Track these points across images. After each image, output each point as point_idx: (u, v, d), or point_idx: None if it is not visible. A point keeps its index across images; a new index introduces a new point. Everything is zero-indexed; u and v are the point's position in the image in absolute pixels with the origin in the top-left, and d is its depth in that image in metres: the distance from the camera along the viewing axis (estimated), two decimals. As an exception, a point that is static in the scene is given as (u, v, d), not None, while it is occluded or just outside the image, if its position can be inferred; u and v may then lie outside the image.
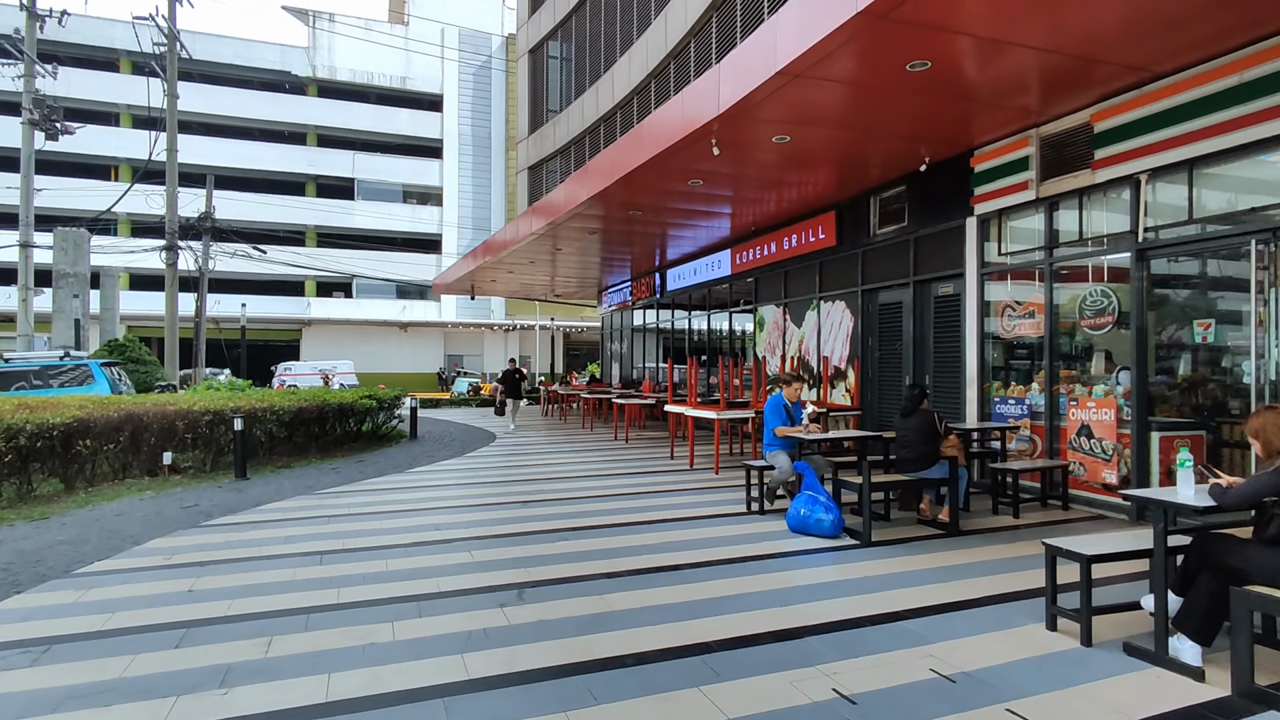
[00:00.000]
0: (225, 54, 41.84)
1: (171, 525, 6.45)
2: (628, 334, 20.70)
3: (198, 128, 41.25)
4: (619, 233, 13.18)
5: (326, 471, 9.72)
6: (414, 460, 10.78)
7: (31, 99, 21.42)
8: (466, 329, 44.92)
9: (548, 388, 21.11)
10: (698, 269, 15.22)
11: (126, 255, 27.62)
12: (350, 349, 41.63)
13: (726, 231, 12.98)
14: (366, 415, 13.00)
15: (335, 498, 7.74)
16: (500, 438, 13.98)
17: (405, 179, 45.00)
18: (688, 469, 9.59)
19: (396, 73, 44.92)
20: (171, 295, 23.23)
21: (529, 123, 22.05)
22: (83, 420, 8.33)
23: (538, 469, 9.79)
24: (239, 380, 20.13)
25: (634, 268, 17.93)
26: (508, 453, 11.65)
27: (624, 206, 10.83)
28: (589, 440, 13.25)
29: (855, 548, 5.54)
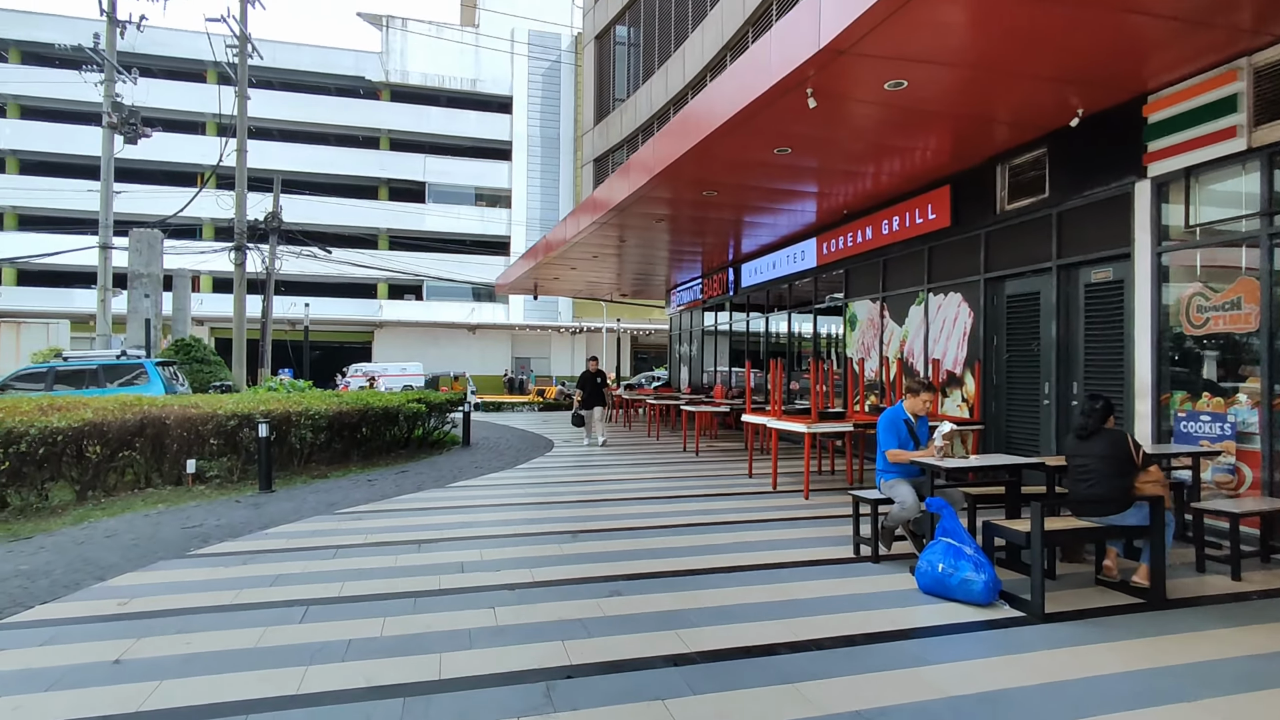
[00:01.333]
0: (304, 61, 42.70)
1: (155, 554, 5.41)
2: (697, 335, 19.25)
3: (276, 134, 42.21)
4: (689, 220, 11.77)
5: (360, 484, 8.67)
6: (458, 472, 9.65)
7: (112, 103, 21.64)
8: (533, 331, 44.38)
9: (611, 392, 19.86)
10: (777, 262, 13.64)
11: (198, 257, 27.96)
12: (420, 351, 41.69)
13: (812, 217, 11.38)
14: (415, 420, 12.02)
15: (355, 520, 6.61)
16: (559, 446, 12.77)
17: (474, 181, 44.90)
18: (769, 491, 8.07)
19: (467, 75, 44.92)
20: (239, 296, 23.16)
21: (594, 113, 20.93)
22: (95, 424, 7.52)
23: (594, 487, 8.47)
24: (299, 381, 19.76)
25: (705, 263, 16.48)
26: (563, 466, 10.40)
27: (697, 185, 9.42)
28: (655, 451, 11.88)
29: (1022, 623, 3.95)
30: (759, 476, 9.07)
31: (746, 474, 9.23)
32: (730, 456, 11.22)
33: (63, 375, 13.95)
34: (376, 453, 11.20)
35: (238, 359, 23.50)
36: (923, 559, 4.43)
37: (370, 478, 9.20)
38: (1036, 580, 4.00)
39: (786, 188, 9.64)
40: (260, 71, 41.93)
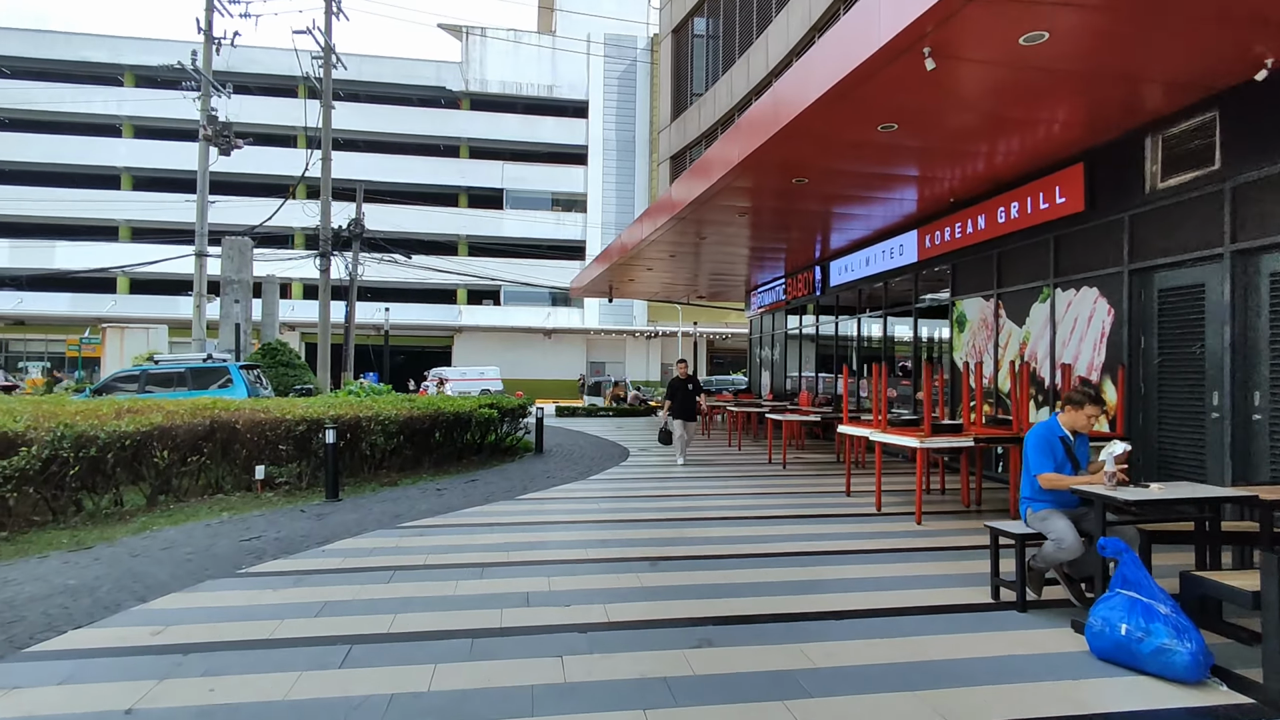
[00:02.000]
0: (387, 74, 43.94)
1: (205, 571, 5.03)
2: (779, 339, 18.27)
3: (362, 145, 43.58)
4: (774, 213, 10.92)
5: (429, 493, 8.24)
6: (530, 482, 9.12)
7: (207, 116, 22.46)
8: (608, 336, 44.15)
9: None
10: (870, 258, 12.59)
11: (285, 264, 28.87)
12: (498, 355, 42.10)
13: (913, 206, 10.33)
14: (488, 426, 11.62)
15: (418, 536, 6.11)
16: (634, 455, 12.12)
17: (550, 186, 45.14)
18: (873, 514, 7.14)
19: (544, 81, 45.24)
20: (324, 301, 23.67)
21: (671, 109, 20.29)
22: (164, 429, 7.35)
23: (673, 503, 7.74)
24: (380, 385, 19.89)
25: (788, 261, 15.53)
26: (639, 478, 9.72)
27: (785, 171, 8.58)
28: (737, 462, 11.07)
29: (1252, 714, 2.98)
30: (859, 495, 8.13)
31: (844, 492, 8.29)
32: (821, 470, 10.28)
33: (154, 378, 14.31)
34: (448, 459, 10.84)
35: (322, 363, 24.01)
36: (1096, 615, 3.49)
37: (439, 486, 8.78)
38: (1273, 654, 3.01)
39: (887, 172, 8.67)
40: (347, 85, 43.43)
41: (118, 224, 41.10)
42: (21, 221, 39.63)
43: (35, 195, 39.90)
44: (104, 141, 41.09)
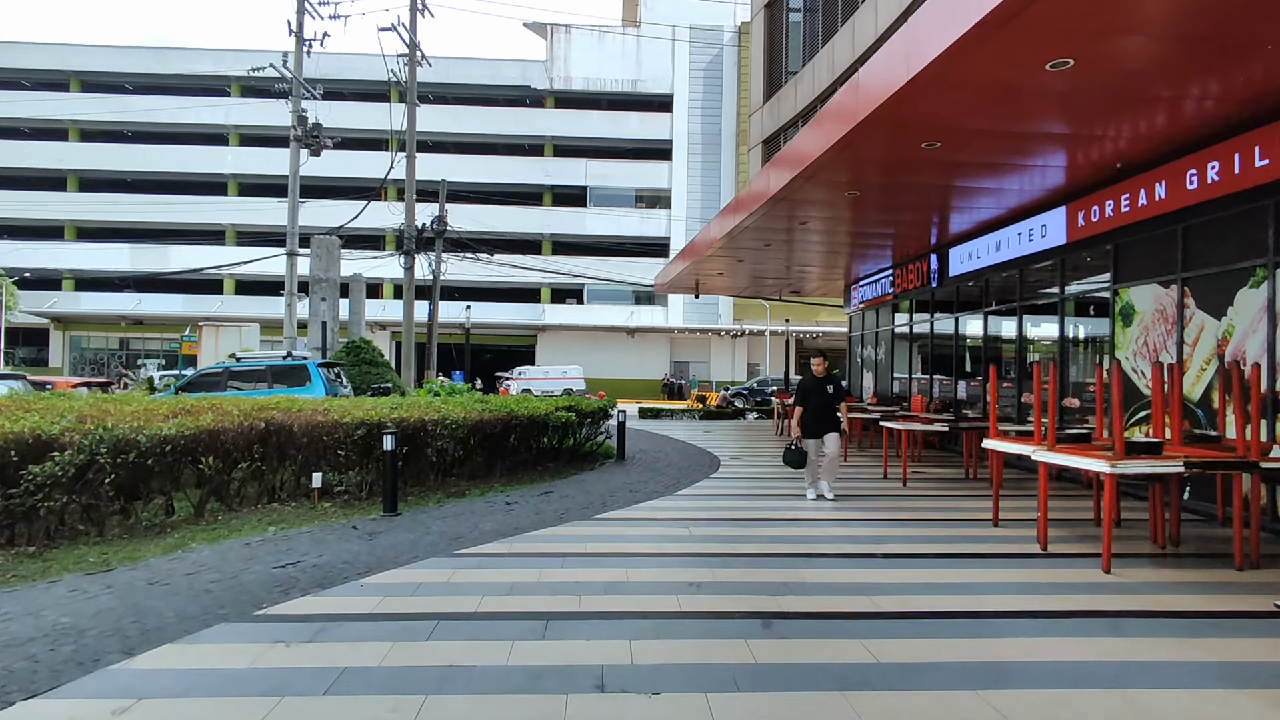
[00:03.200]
0: (474, 75, 44.23)
1: (219, 611, 4.17)
2: (885, 337, 16.56)
3: (451, 146, 44.09)
4: (888, 190, 9.44)
5: (497, 508, 7.29)
6: (608, 497, 8.03)
7: (297, 117, 22.67)
8: (693, 335, 42.91)
9: (782, 400, 17.66)
10: (1002, 241, 10.86)
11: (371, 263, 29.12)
12: (580, 355, 41.62)
13: (1059, 177, 8.62)
14: (565, 430, 10.65)
15: (475, 569, 5.10)
16: (725, 465, 10.87)
17: (634, 183, 44.34)
18: (1038, 554, 5.63)
19: (628, 76, 44.46)
20: (408, 299, 23.54)
21: (764, 89, 18.87)
22: (212, 432, 6.69)
23: (777, 529, 6.47)
24: (460, 384, 19.41)
25: (898, 249, 13.88)
26: (734, 494, 8.47)
27: (912, 134, 7.14)
28: (845, 476, 9.65)
29: None
30: (1011, 526, 6.61)
31: (990, 520, 6.78)
32: (948, 489, 8.73)
33: (236, 375, 14.15)
34: (522, 466, 9.92)
35: (406, 361, 23.87)
36: None
37: (510, 499, 7.83)
38: None
39: (1040, 130, 7.08)
40: (434, 87, 44.02)
41: (224, 228, 43.08)
42: (141, 227, 42.13)
43: (153, 201, 42.35)
44: (213, 150, 43.18)
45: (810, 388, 8.12)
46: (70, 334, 43.06)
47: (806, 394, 8.13)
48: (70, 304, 41.74)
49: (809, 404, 8.08)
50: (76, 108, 41.87)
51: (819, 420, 8.04)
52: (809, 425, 8.05)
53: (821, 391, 8.06)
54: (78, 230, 43.26)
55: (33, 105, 41.67)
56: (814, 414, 8.05)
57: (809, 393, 8.12)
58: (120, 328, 42.68)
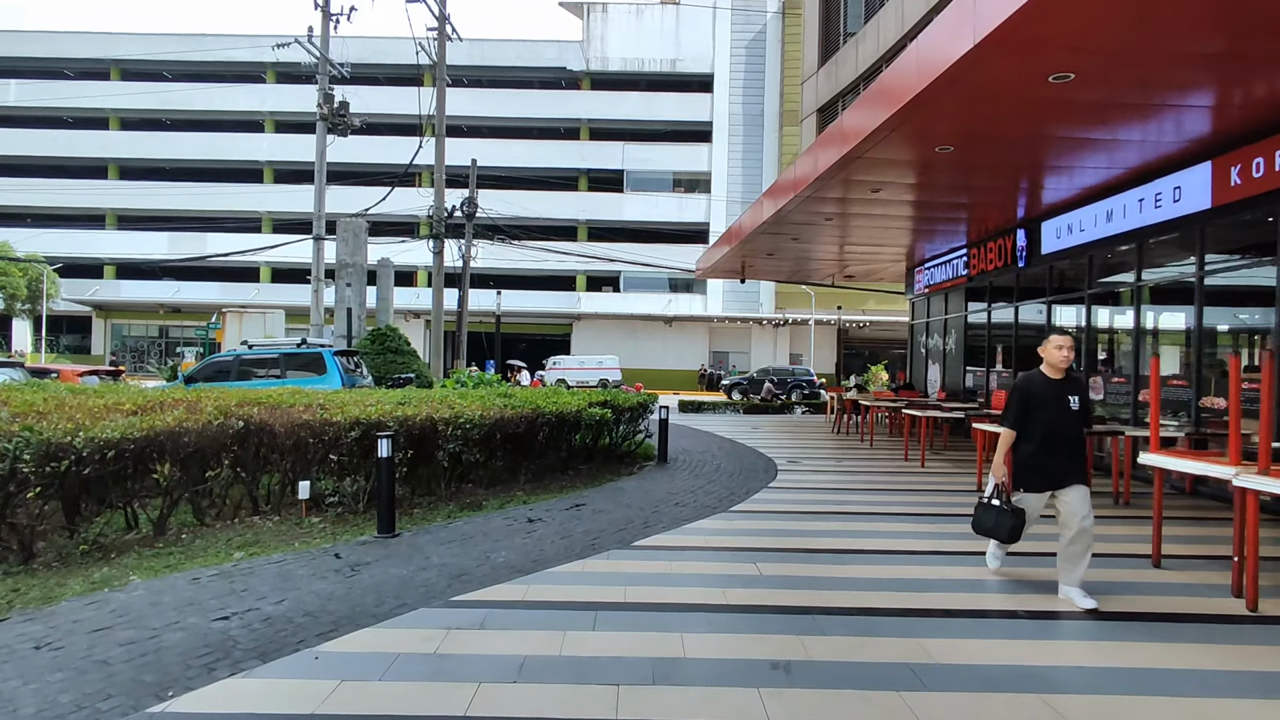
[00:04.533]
0: (509, 57, 43.07)
1: (94, 710, 2.93)
2: (955, 325, 14.87)
3: (486, 131, 43.05)
4: (989, 144, 7.84)
5: (517, 528, 5.99)
6: (652, 513, 6.67)
7: (323, 95, 21.70)
8: (733, 324, 41.28)
9: (839, 394, 16.12)
10: (1115, 210, 9.16)
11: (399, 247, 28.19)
12: (616, 344, 40.36)
13: (1204, 124, 6.95)
14: (600, 429, 9.32)
15: (475, 629, 3.78)
16: (783, 471, 9.43)
17: (672, 166, 42.75)
18: (1243, 614, 4.12)
19: (666, 55, 42.80)
20: (437, 285, 22.50)
21: (819, 53, 17.21)
22: (172, 434, 5.51)
23: (878, 572, 5.05)
24: (487, 374, 18.27)
25: (976, 224, 12.21)
26: (799, 511, 7.04)
27: (1042, 59, 5.58)
28: (926, 487, 8.15)
29: None
30: (1181, 567, 5.07)
31: (1150, 560, 5.23)
32: (1062, 506, 7.20)
33: (247, 364, 13.16)
34: (550, 471, 8.63)
35: (434, 349, 22.84)
36: None
37: (533, 513, 6.53)
38: None
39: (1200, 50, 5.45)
40: (468, 70, 42.98)
41: (260, 215, 42.76)
42: (179, 215, 42.05)
43: (191, 190, 42.22)
44: (249, 137, 42.83)
45: (1039, 394, 4.45)
46: (112, 322, 43.32)
47: (1031, 405, 4.45)
48: (111, 292, 41.90)
49: (1036, 424, 4.42)
50: (118, 97, 41.85)
51: (1054, 455, 4.38)
52: (1036, 464, 4.44)
53: (1060, 403, 4.41)
54: (118, 218, 43.40)
55: (75, 95, 41.84)
56: (1046, 443, 4.38)
57: (1037, 403, 4.44)
58: (159, 315, 42.79)
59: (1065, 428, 4.42)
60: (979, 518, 4.69)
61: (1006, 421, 4.57)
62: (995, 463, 4.62)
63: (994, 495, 4.58)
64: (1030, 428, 4.46)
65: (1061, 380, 4.48)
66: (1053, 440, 4.39)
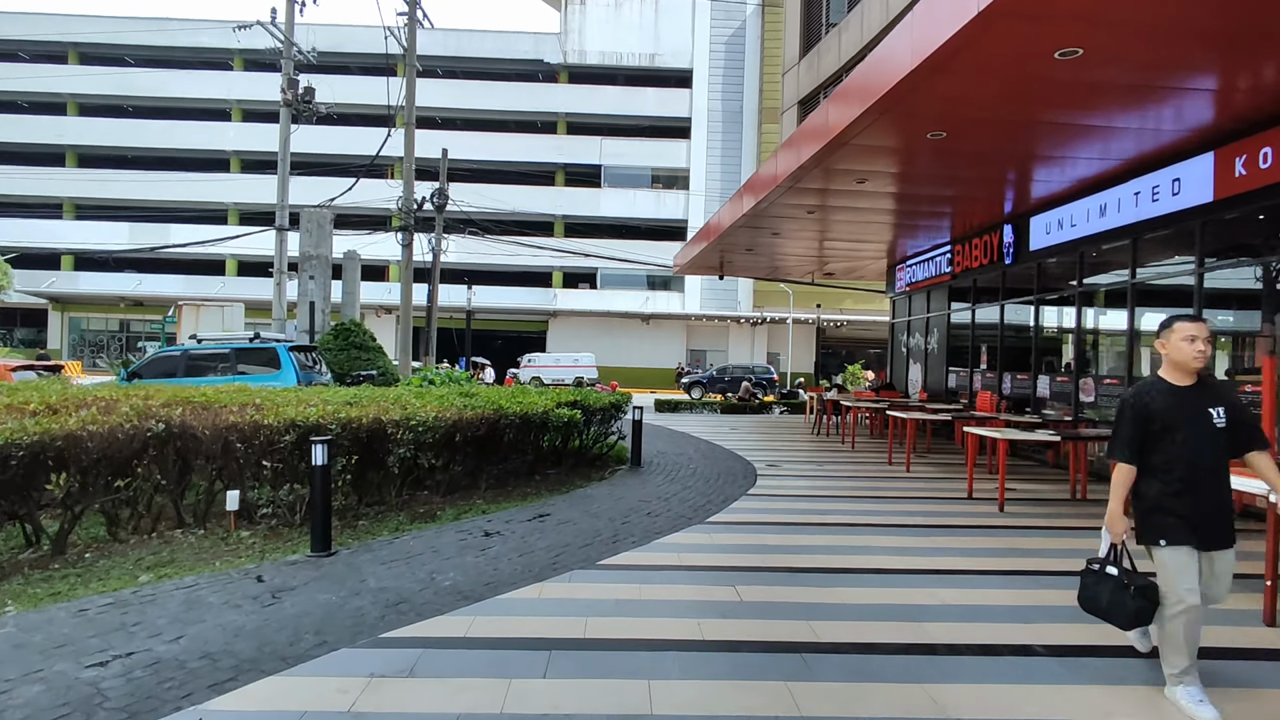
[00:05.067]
0: (485, 48, 42.22)
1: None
2: (937, 324, 14.50)
3: (459, 123, 42.15)
4: (983, 128, 7.39)
5: (471, 543, 5.40)
6: (622, 524, 6.11)
7: (287, 79, 20.83)
8: (710, 322, 40.85)
9: (817, 393, 15.69)
10: (1109, 204, 8.78)
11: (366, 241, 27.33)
12: (593, 342, 39.74)
13: (1205, 113, 6.57)
14: (569, 430, 8.72)
15: (403, 678, 3.19)
16: (762, 476, 8.92)
17: (651, 162, 42.17)
18: None
19: (645, 50, 42.22)
20: (405, 278, 21.73)
21: (800, 44, 16.75)
22: (71, 439, 4.83)
23: (870, 596, 4.54)
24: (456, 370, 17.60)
25: (961, 219, 11.81)
26: (783, 523, 6.53)
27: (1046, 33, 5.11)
28: (914, 494, 7.69)
29: None
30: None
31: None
32: (1053, 512, 6.75)
33: (196, 359, 12.38)
34: (515, 476, 8.04)
35: (403, 346, 22.06)
36: None
37: (491, 525, 5.94)
38: None
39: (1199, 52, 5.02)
40: (442, 61, 42.05)
41: (226, 207, 41.45)
42: (141, 205, 40.58)
43: (153, 179, 40.75)
44: (215, 126, 41.47)
45: (1165, 410, 3.13)
46: (69, 315, 41.73)
47: (1155, 427, 3.14)
48: (68, 284, 40.34)
49: (1165, 453, 3.12)
50: (76, 79, 40.28)
51: (1197, 497, 3.07)
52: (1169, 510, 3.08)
53: (1199, 420, 3.11)
54: (76, 208, 41.82)
55: (31, 78, 40.17)
56: (1183, 480, 3.08)
57: (1164, 423, 3.13)
58: (120, 309, 41.32)
59: (1209, 455, 3.06)
60: (1089, 591, 3.34)
61: (1117, 452, 3.17)
62: (1110, 513, 3.24)
63: (1110, 559, 3.28)
64: (1155, 459, 3.10)
65: (1195, 388, 3.14)
66: (1193, 475, 3.04)
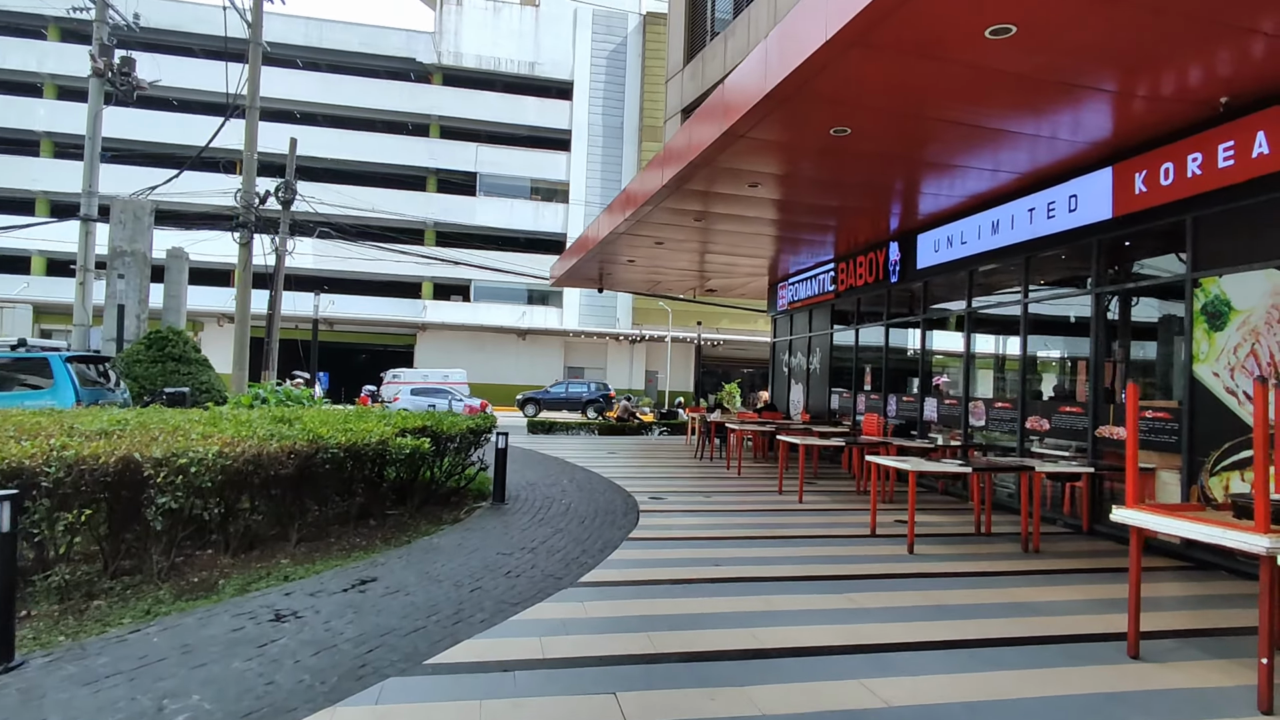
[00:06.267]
0: (351, 41, 39.33)
1: None
2: (821, 343, 14.11)
3: (321, 119, 38.96)
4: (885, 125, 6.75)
5: (249, 636, 3.86)
6: (470, 591, 4.75)
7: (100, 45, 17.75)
8: (589, 339, 39.78)
9: (699, 414, 14.90)
10: (1002, 220, 8.47)
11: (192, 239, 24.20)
12: (465, 357, 37.56)
13: (1104, 126, 6.24)
14: (414, 464, 7.19)
15: None
16: (646, 511, 7.80)
17: (530, 173, 40.73)
18: None
19: (525, 58, 40.88)
20: (242, 283, 19.10)
21: (684, 50, 16.13)
22: None
23: (767, 692, 3.46)
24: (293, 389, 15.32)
25: (845, 236, 11.40)
26: (676, 579, 5.40)
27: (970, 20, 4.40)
28: (815, 532, 6.84)
29: None
30: (1172, 656, 3.92)
31: (1125, 649, 4.05)
32: (966, 552, 6.08)
33: (-70, 374, 9.73)
34: (341, 522, 6.45)
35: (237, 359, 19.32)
36: None
37: (287, 604, 4.39)
38: None
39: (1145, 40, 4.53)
40: (304, 51, 38.79)
41: (34, 195, 35.87)
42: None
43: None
44: (22, 101, 35.87)
45: None
46: None
47: None
48: None
49: None
50: None
51: None
52: None
53: None
54: None
55: None
56: None
57: None
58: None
59: None
60: None
61: None
62: None
63: None
64: None
65: None
66: None
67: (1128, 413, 3.85)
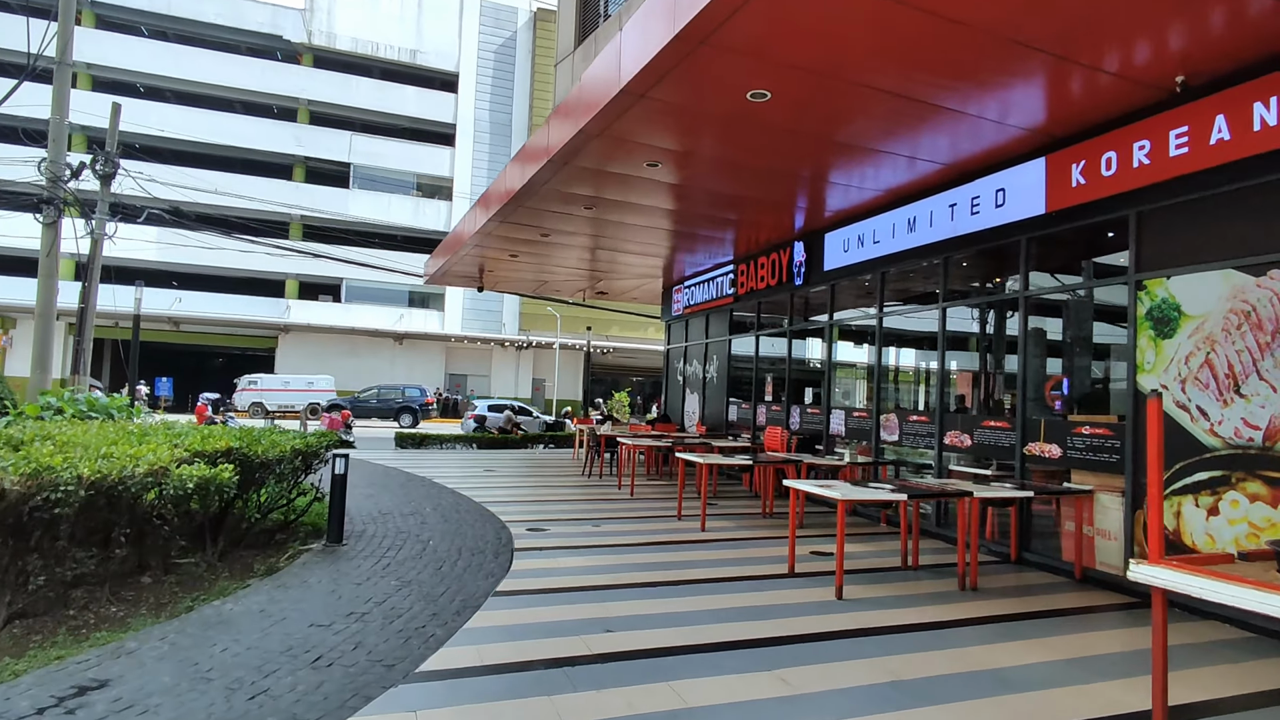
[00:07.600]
0: (208, 11, 35.35)
1: None
2: (719, 350, 13.22)
3: (170, 95, 34.80)
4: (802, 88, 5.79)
5: None
6: (250, 699, 3.24)
7: None
8: (472, 344, 37.60)
9: (588, 426, 13.63)
10: (920, 217, 7.76)
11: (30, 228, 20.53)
12: (335, 362, 34.46)
13: (1037, 111, 5.58)
14: (210, 500, 5.45)
15: None
16: (521, 546, 6.41)
17: (411, 166, 38.13)
18: None
19: (407, 45, 38.29)
20: (46, 270, 15.97)
21: (576, 32, 14.91)
22: None
23: None
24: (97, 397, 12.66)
25: (746, 232, 10.52)
26: (542, 663, 4.08)
27: None
28: (725, 574, 5.74)
29: None
30: None
31: None
32: (900, 595, 5.14)
33: None
34: (90, 584, 4.68)
35: (38, 359, 16.14)
36: None
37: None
38: None
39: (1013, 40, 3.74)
40: (150, 18, 34.56)
41: None
42: None
43: None
44: None
45: None
46: None
47: None
48: None
49: None
50: None
51: None
52: None
53: None
54: None
55: None
56: None
57: None
58: None
59: None
60: None
61: None
62: None
63: None
64: None
65: None
66: None
67: (1149, 436, 2.92)
